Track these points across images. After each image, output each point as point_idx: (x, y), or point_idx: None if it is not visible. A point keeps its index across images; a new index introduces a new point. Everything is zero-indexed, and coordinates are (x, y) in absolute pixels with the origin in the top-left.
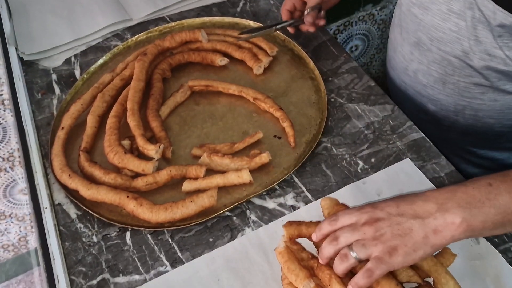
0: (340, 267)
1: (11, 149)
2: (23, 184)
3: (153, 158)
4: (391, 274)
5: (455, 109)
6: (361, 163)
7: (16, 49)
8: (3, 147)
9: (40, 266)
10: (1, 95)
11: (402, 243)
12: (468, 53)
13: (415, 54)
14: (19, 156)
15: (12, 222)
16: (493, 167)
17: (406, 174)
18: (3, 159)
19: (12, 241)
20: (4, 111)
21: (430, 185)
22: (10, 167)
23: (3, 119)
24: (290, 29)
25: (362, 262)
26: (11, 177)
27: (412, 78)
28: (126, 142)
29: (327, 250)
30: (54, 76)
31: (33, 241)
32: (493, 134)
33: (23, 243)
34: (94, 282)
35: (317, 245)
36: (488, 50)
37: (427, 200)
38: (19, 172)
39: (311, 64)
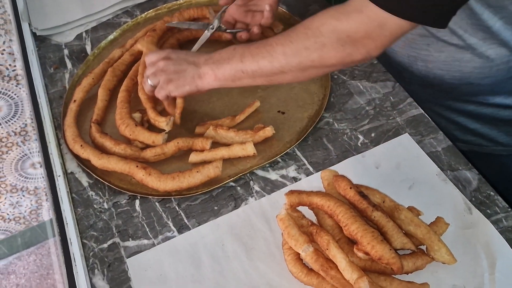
0: (144, 89)
1: (23, 123)
2: (34, 158)
3: (163, 131)
4: (386, 241)
5: (409, 61)
6: (361, 138)
7: (29, 24)
8: (15, 121)
9: (54, 231)
10: (14, 70)
11: (177, 78)
12: None
13: None
14: (31, 131)
15: (23, 196)
16: (470, 125)
17: (404, 148)
18: (15, 133)
19: (24, 214)
20: (17, 86)
21: (427, 158)
22: (22, 142)
23: (15, 95)
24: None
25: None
26: (23, 152)
27: None
28: (137, 115)
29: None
30: (66, 51)
31: (44, 214)
32: (447, 86)
33: (34, 216)
34: (105, 245)
35: (317, 213)
36: None
37: (201, 57)
38: (31, 146)
39: None
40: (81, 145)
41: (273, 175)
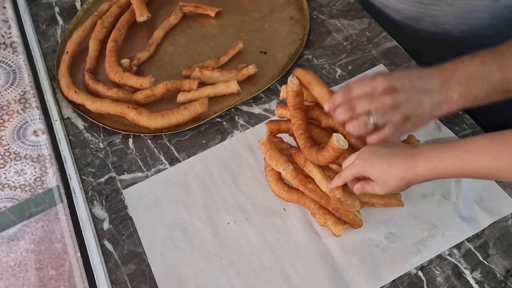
0: (356, 132)
1: (22, 91)
2: (35, 126)
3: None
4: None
5: (415, 17)
6: (339, 71)
7: None
8: (14, 89)
9: (54, 167)
10: (9, 38)
11: (415, 113)
12: None
13: None
14: (30, 98)
15: (27, 163)
16: None
17: None
18: (15, 101)
19: (29, 182)
20: (13, 53)
21: None
22: (22, 109)
23: (12, 62)
24: None
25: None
26: (24, 119)
27: None
28: (125, 61)
29: (343, 116)
30: (56, 9)
31: (48, 181)
32: (452, 41)
33: (39, 183)
34: (102, 180)
35: (295, 138)
36: None
37: (433, 76)
38: (31, 113)
39: None
40: (75, 91)
41: (256, 110)
